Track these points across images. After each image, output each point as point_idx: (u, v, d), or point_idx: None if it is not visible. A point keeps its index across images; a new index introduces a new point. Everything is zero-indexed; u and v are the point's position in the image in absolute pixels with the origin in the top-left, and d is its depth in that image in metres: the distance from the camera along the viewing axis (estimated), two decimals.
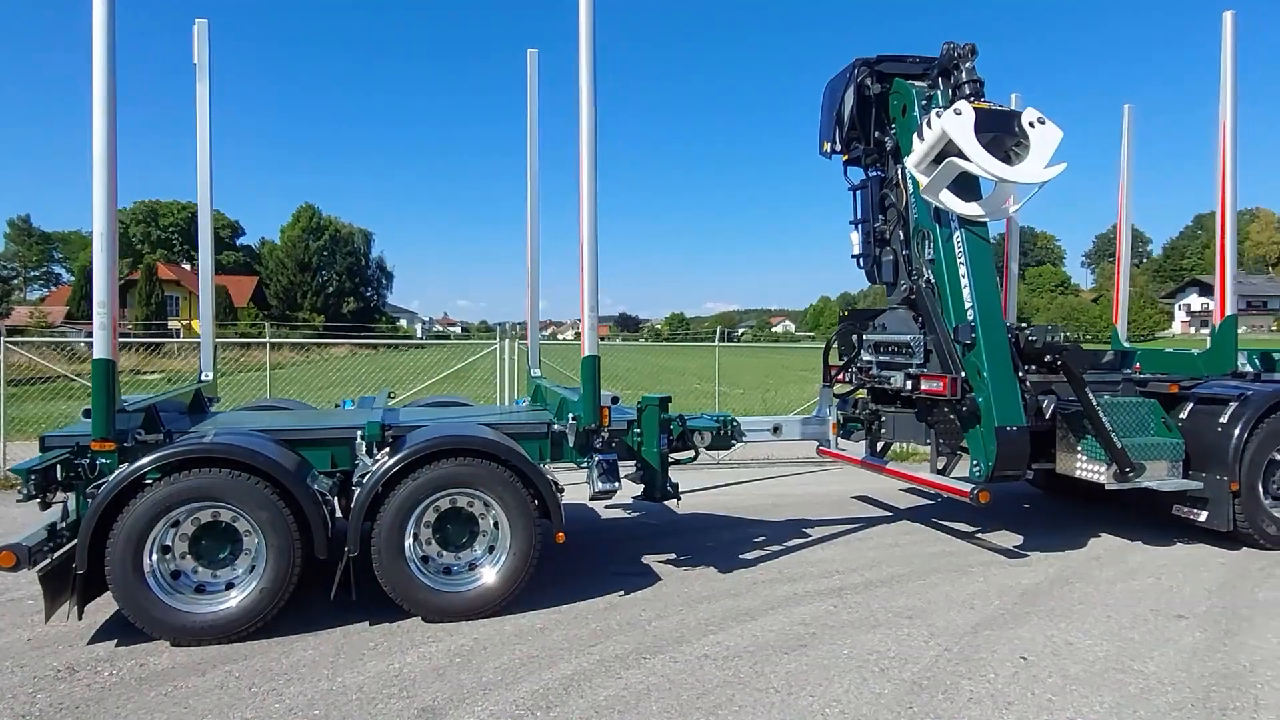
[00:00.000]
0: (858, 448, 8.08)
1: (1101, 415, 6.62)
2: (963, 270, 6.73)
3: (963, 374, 6.62)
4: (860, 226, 7.97)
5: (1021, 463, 6.46)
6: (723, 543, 7.20)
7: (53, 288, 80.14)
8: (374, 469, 5.25)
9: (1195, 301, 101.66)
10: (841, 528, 7.74)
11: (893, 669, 4.55)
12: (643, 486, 6.34)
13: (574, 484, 6.41)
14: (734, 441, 7.00)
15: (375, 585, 5.18)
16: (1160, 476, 6.92)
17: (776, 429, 7.19)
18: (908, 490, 9.47)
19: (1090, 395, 6.64)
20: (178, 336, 63.40)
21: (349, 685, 4.40)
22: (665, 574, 6.33)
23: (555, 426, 6.02)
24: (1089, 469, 6.94)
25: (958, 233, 6.77)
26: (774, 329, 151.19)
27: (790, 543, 7.21)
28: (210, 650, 4.85)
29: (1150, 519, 7.76)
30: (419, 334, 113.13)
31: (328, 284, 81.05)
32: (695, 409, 8.90)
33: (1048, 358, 6.69)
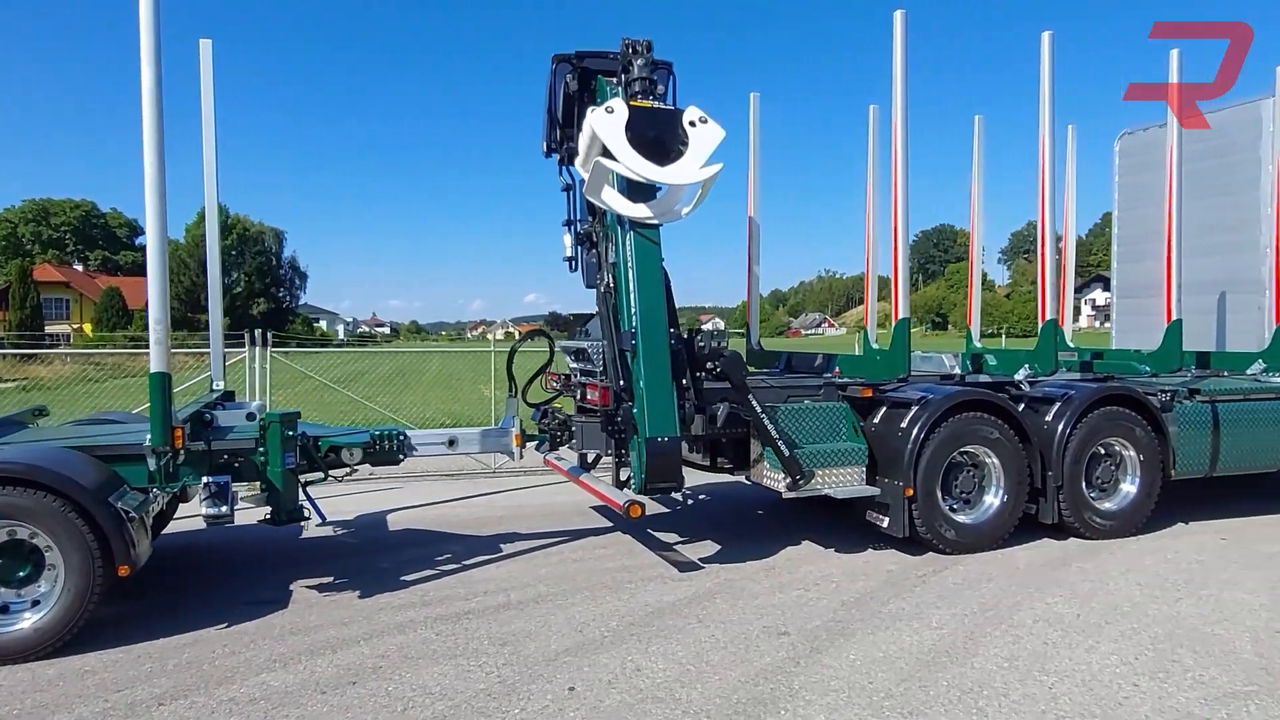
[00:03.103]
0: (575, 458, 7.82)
1: (767, 422, 6.46)
2: (631, 275, 6.49)
3: (622, 382, 6.40)
4: (571, 228, 7.70)
5: (674, 474, 6.25)
6: (400, 562, 6.82)
7: None
8: None
9: (1100, 296, 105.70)
10: (543, 541, 7.45)
11: (417, 708, 4.24)
12: (270, 509, 5.92)
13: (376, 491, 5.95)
14: (401, 456, 6.61)
15: None
16: (843, 483, 6.81)
17: (452, 442, 6.83)
18: (659, 499, 9.25)
19: (755, 402, 6.48)
20: (66, 341, 60.58)
21: None
22: (301, 600, 5.93)
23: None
24: (771, 477, 6.79)
25: (629, 235, 6.53)
26: (704, 327, 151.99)
27: (473, 559, 6.88)
28: None
29: (866, 525, 7.65)
30: (341, 335, 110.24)
31: (235, 285, 78.20)
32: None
33: (708, 365, 6.50)
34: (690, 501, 9.20)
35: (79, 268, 71.60)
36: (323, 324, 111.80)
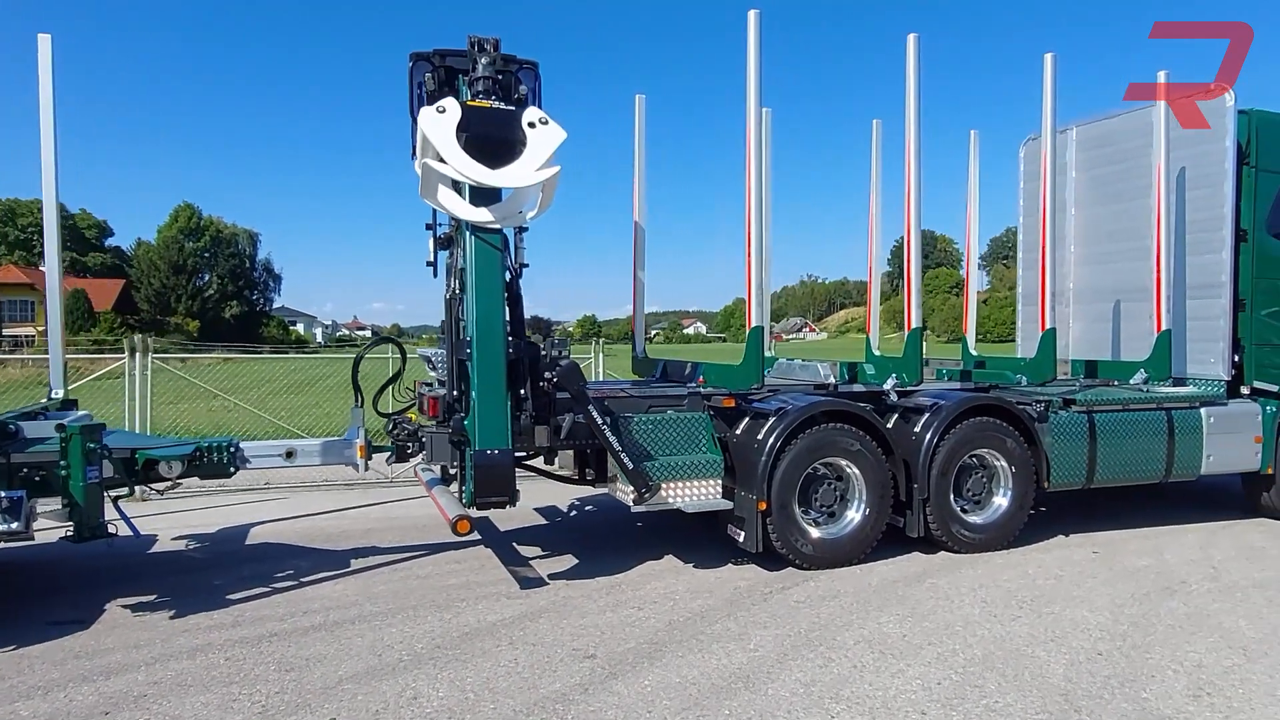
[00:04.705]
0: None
1: (608, 434, 6.25)
2: (472, 280, 6.26)
3: (456, 392, 6.18)
4: (433, 232, 7.45)
5: (505, 488, 6.03)
6: (235, 579, 6.55)
7: None
8: None
9: None
10: (397, 556, 7.20)
11: None
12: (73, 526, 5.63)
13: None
14: (232, 468, 6.35)
15: None
16: (697, 496, 6.60)
17: (290, 454, 6.56)
18: (541, 509, 9.03)
19: (595, 413, 6.25)
20: (30, 344, 59.57)
21: None
22: (109, 620, 5.66)
23: None
24: (622, 490, 6.57)
25: (470, 239, 6.30)
26: (685, 330, 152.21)
27: (313, 576, 6.62)
28: None
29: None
30: (319, 339, 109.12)
31: (206, 288, 77.49)
32: None
33: (547, 374, 6.28)
34: (573, 513, 8.98)
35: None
36: (299, 327, 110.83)
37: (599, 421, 6.22)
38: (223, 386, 15.08)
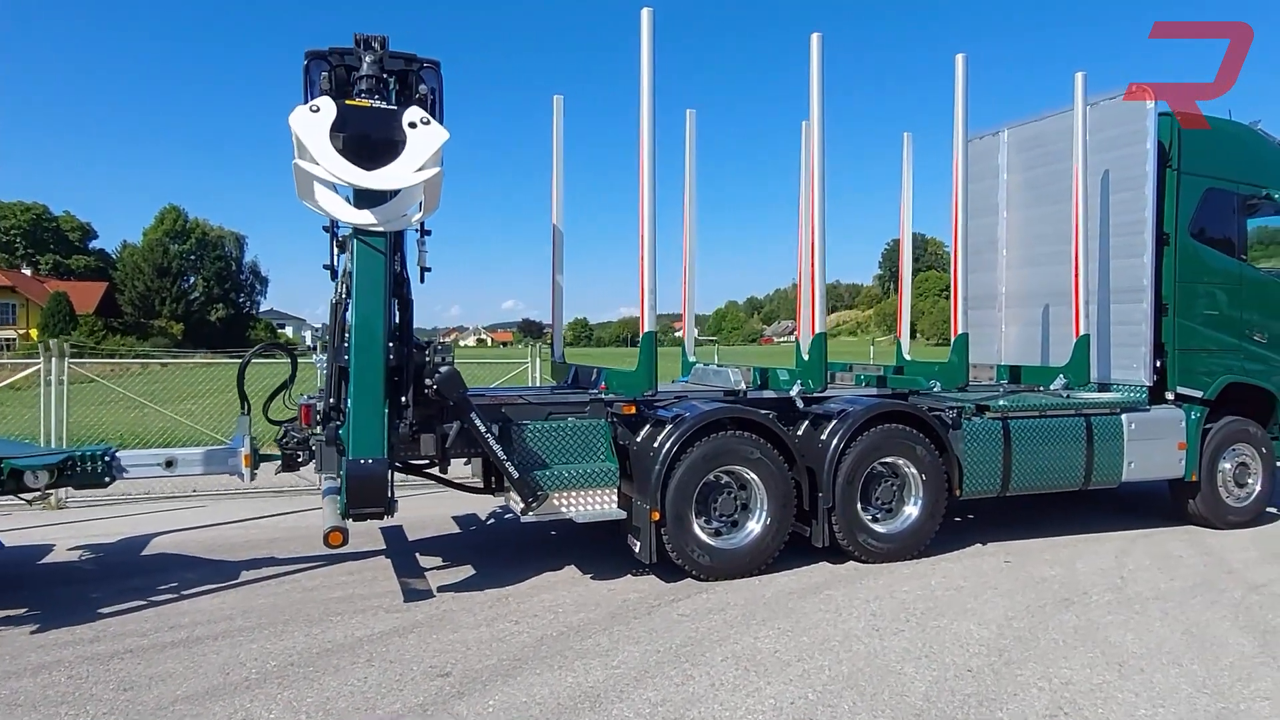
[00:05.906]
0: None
1: (492, 442, 6.09)
2: (354, 284, 6.10)
3: (334, 399, 6.01)
4: (333, 235, 7.29)
5: (379, 498, 5.84)
6: (115, 591, 6.36)
7: None
8: None
9: None
10: (289, 567, 7.03)
11: None
12: None
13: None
14: (107, 478, 6.18)
15: None
16: (590, 505, 6.46)
17: (170, 463, 6.39)
18: (459, 517, 8.87)
19: (479, 421, 6.10)
20: (10, 347, 59.29)
21: None
22: None
23: None
24: (514, 499, 6.42)
25: (354, 242, 6.14)
26: (677, 334, 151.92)
27: (197, 588, 6.43)
28: None
29: None
30: (308, 342, 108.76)
31: (192, 290, 77.14)
32: None
33: (428, 382, 6.11)
34: (491, 521, 8.82)
35: (28, 271, 70.24)
36: (288, 330, 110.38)
37: (482, 429, 6.06)
38: (197, 391, 14.86)
